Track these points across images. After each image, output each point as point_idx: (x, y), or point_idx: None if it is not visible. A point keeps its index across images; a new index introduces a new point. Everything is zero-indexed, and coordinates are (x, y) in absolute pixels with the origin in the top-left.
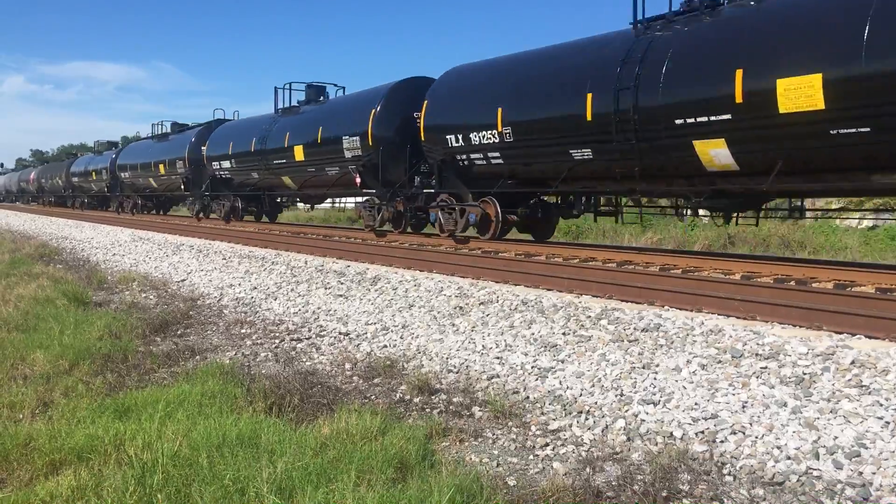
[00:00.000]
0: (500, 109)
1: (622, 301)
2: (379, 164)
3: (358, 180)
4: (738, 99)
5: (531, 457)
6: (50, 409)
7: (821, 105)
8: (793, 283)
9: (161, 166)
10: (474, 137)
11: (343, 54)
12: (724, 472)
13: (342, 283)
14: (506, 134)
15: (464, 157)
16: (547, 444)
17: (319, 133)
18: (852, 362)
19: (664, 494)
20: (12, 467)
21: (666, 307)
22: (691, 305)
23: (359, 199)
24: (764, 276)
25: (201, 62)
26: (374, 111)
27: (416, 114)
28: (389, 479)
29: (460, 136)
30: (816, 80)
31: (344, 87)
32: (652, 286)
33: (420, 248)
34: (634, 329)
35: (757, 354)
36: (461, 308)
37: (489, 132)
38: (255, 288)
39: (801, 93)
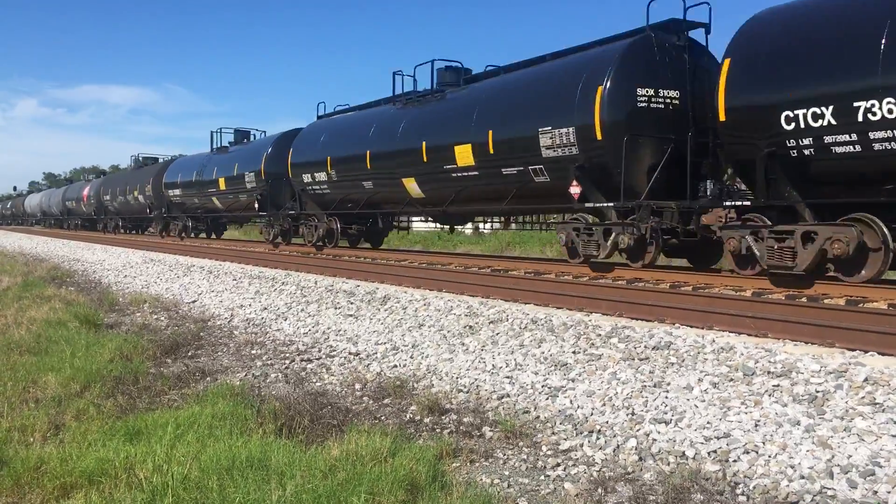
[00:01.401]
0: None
1: (632, 319)
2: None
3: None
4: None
5: (542, 477)
6: (61, 432)
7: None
8: (804, 299)
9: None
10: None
11: (350, 71)
12: (738, 491)
13: (352, 303)
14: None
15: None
16: (558, 465)
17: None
18: (865, 379)
19: None
20: (23, 491)
21: (676, 325)
22: (702, 323)
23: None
24: (775, 293)
25: (211, 84)
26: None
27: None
28: (400, 501)
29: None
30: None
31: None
32: (662, 303)
33: (430, 267)
34: (645, 347)
35: (769, 372)
36: (471, 327)
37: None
38: (266, 308)
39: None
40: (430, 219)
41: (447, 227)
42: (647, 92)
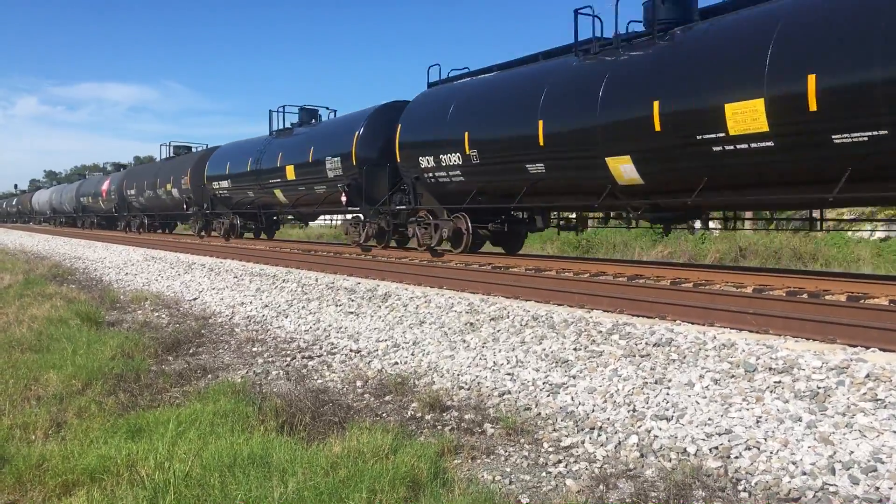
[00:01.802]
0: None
1: (633, 315)
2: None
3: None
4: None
5: (544, 474)
6: (63, 430)
7: None
8: (805, 295)
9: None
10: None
11: (353, 72)
12: (740, 488)
13: (353, 300)
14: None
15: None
16: (559, 461)
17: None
18: (867, 376)
19: None
20: (25, 489)
21: (678, 321)
22: (703, 319)
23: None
24: (776, 289)
25: (211, 82)
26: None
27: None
28: (401, 498)
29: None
30: None
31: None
32: (663, 300)
33: (430, 264)
34: (646, 344)
35: (770, 368)
36: (472, 324)
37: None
38: (267, 306)
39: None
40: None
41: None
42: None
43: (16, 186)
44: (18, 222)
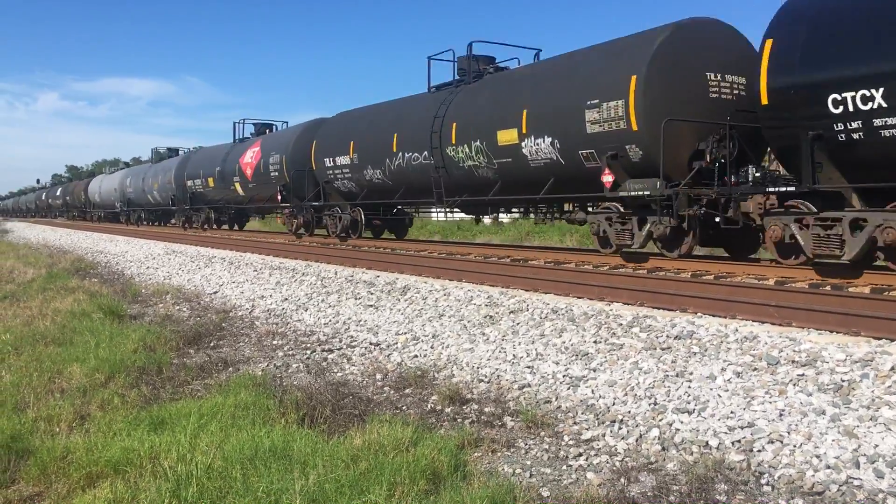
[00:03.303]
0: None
1: (653, 308)
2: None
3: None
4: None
5: (564, 467)
6: (86, 422)
7: None
8: (829, 287)
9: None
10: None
11: (369, 64)
12: (763, 481)
13: (372, 294)
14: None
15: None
16: (580, 454)
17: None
18: (892, 368)
19: None
20: (50, 480)
21: (699, 314)
22: (725, 312)
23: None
24: (799, 282)
25: (230, 76)
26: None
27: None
28: (422, 491)
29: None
30: None
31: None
32: (684, 293)
33: (449, 257)
34: (667, 337)
35: (793, 361)
36: (491, 317)
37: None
38: (286, 299)
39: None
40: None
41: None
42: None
43: (38, 181)
44: (62, 216)
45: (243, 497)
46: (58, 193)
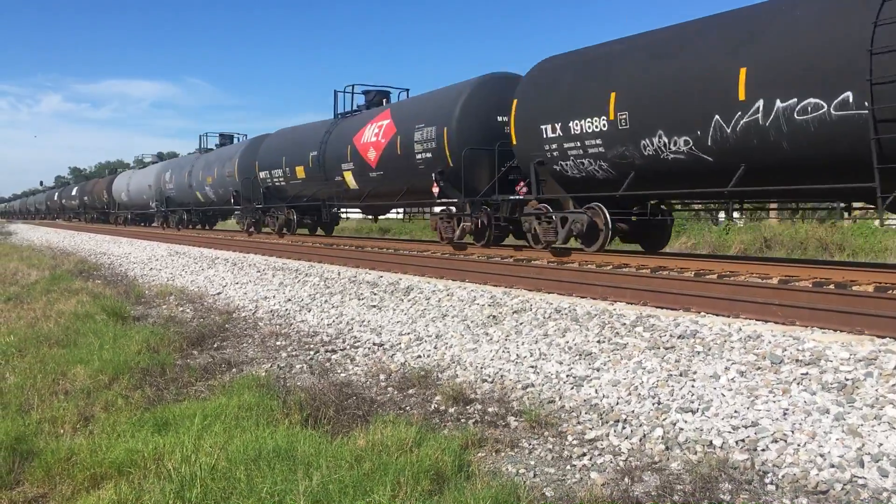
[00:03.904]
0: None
1: (657, 308)
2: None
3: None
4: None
5: (568, 467)
6: (91, 424)
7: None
8: (832, 286)
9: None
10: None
11: (368, 65)
12: (766, 480)
13: (375, 294)
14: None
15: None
16: (584, 454)
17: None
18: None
19: None
20: (54, 482)
21: (702, 313)
22: (728, 311)
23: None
24: (802, 280)
25: (233, 77)
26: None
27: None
28: (426, 491)
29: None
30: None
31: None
32: (687, 292)
33: (452, 257)
34: (670, 336)
35: (797, 360)
36: (494, 317)
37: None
38: (290, 300)
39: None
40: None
41: None
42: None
43: (41, 183)
44: (77, 218)
45: (247, 498)
46: (73, 193)
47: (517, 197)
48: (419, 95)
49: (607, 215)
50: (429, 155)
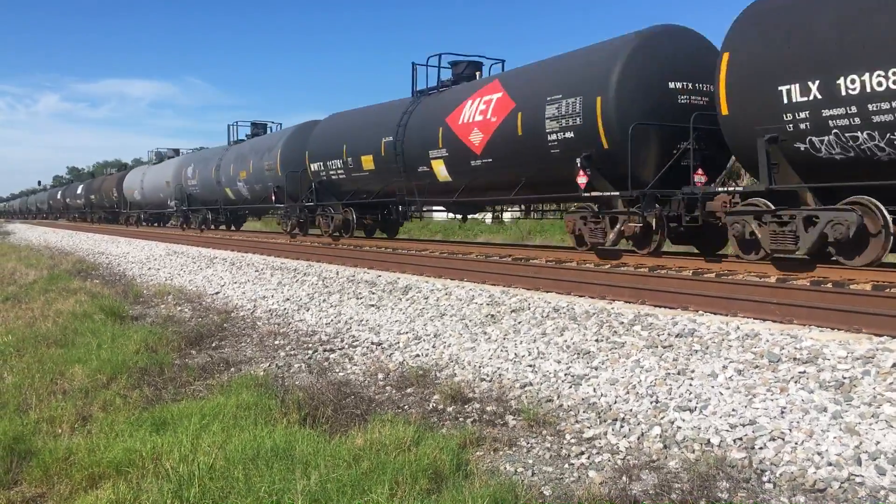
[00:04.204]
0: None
1: (655, 306)
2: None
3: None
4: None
5: (566, 465)
6: (89, 423)
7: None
8: (830, 285)
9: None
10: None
11: (366, 65)
12: (764, 479)
13: (373, 293)
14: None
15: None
16: (582, 453)
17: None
18: (893, 365)
19: (703, 503)
20: (52, 482)
21: (700, 312)
22: (726, 310)
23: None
24: (800, 279)
25: (231, 77)
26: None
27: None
28: (424, 490)
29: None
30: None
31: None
32: (685, 291)
33: (451, 256)
34: (668, 335)
35: (795, 359)
36: (493, 316)
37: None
38: (288, 299)
39: None
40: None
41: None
42: None
43: (39, 183)
44: (84, 219)
45: (245, 497)
46: (79, 191)
47: (737, 189)
48: (544, 60)
49: (886, 214)
50: (569, 135)
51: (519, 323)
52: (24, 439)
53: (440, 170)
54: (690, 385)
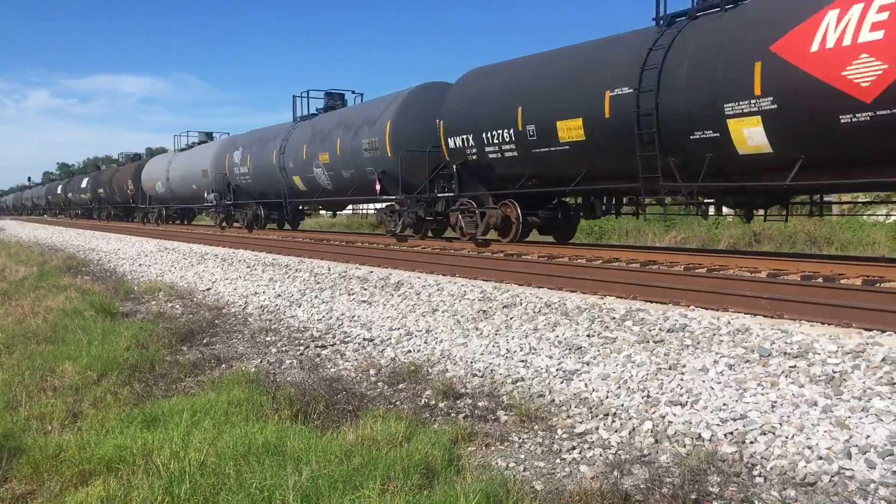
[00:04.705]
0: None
1: (647, 302)
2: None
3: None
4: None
5: (558, 460)
6: (79, 420)
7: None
8: (820, 280)
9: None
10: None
11: (360, 61)
12: (755, 473)
13: (365, 289)
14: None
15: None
16: (574, 448)
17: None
18: (883, 359)
19: (693, 497)
20: (42, 479)
21: (691, 307)
22: (717, 305)
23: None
24: (791, 274)
25: (223, 72)
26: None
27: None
28: (415, 485)
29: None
30: None
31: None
32: (677, 286)
33: (442, 252)
34: (660, 330)
35: (785, 353)
36: (485, 312)
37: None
38: (280, 295)
39: None
40: None
41: None
42: None
43: (29, 179)
44: (90, 216)
45: (236, 493)
46: (83, 185)
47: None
48: None
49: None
50: None
51: (511, 318)
52: (14, 436)
53: (751, 133)
54: (682, 380)
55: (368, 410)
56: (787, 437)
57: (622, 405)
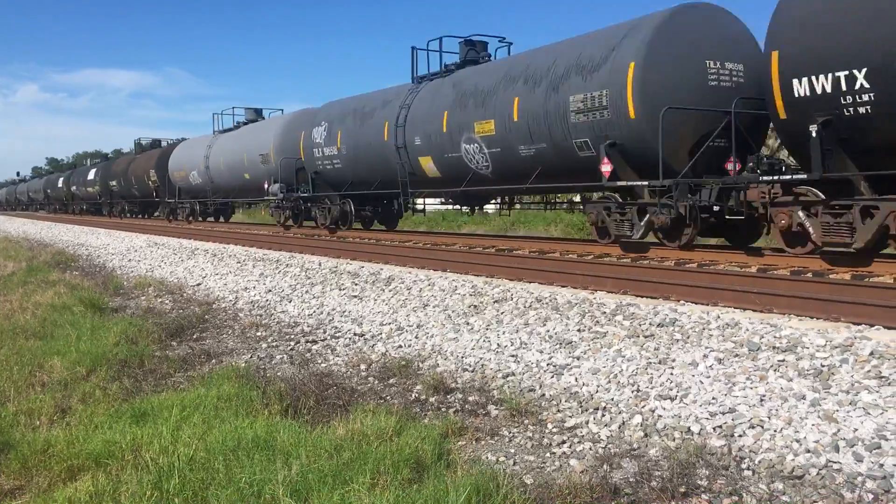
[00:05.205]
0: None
1: (637, 296)
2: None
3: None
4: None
5: (548, 454)
6: (68, 416)
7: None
8: (810, 274)
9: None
10: (325, 150)
11: (357, 56)
12: (743, 466)
13: (356, 284)
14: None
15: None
16: (564, 442)
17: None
18: (871, 353)
19: (682, 490)
20: (31, 474)
21: (681, 301)
22: (707, 299)
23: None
24: (780, 269)
25: (213, 67)
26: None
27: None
28: (405, 480)
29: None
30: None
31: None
32: (667, 281)
33: (434, 247)
34: (650, 324)
35: (774, 347)
36: (475, 307)
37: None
38: (270, 291)
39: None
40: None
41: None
42: None
43: (18, 174)
44: (100, 212)
45: (226, 488)
46: (91, 176)
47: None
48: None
49: None
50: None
51: (502, 313)
52: (3, 431)
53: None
54: (671, 374)
55: (359, 405)
56: (775, 431)
57: (612, 399)
